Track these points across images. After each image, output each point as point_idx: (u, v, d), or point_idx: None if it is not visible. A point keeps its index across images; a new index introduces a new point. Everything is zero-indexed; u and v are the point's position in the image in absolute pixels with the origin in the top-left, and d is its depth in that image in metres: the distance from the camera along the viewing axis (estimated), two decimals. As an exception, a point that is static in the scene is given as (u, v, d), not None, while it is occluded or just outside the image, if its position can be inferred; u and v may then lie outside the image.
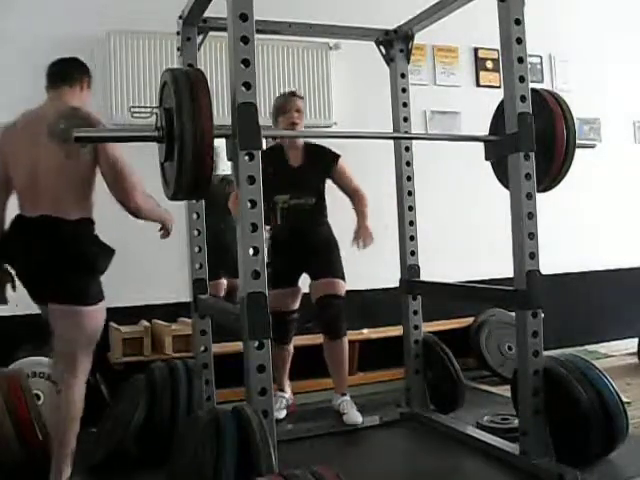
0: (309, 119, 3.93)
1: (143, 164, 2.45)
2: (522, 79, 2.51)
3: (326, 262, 3.28)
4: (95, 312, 2.42)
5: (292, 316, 3.34)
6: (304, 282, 3.40)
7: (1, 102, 3.77)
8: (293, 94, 3.34)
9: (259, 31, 2.20)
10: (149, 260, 3.93)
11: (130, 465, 2.64)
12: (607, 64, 5.26)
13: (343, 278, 3.28)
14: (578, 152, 2.76)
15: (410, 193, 3.27)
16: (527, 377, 2.51)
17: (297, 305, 3.37)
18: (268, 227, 3.31)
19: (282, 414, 3.30)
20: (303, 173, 3.30)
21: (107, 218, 3.97)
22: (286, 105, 3.26)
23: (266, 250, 2.90)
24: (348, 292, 3.33)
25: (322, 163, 3.31)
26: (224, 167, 3.80)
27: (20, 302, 2.84)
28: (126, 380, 2.99)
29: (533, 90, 2.61)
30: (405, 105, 3.27)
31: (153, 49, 3.96)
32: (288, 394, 3.47)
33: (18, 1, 3.81)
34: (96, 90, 3.84)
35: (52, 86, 2.53)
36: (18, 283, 2.52)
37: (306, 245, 3.28)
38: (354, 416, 3.14)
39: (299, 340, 3.52)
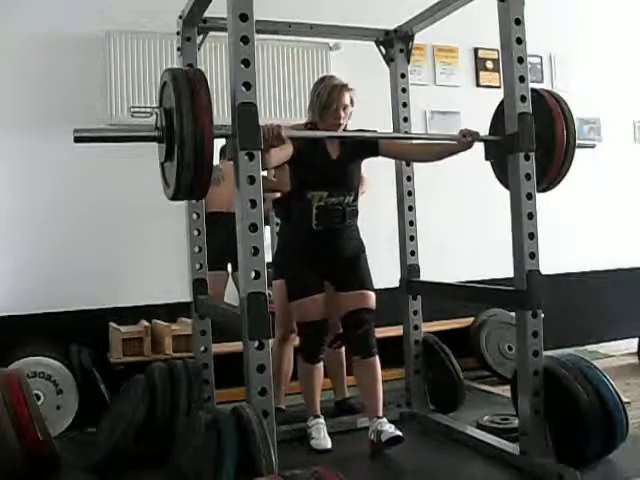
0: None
1: (143, 164, 2.45)
2: (522, 79, 2.51)
3: (356, 271, 2.91)
4: None
5: (325, 326, 2.91)
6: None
7: (1, 102, 3.78)
8: (342, 85, 2.80)
9: (259, 31, 2.21)
10: (149, 260, 3.94)
11: (130, 465, 2.63)
12: (607, 64, 5.26)
13: (373, 289, 2.92)
14: (578, 152, 2.76)
15: (410, 193, 3.27)
16: (527, 377, 2.51)
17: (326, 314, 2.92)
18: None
19: (329, 442, 2.89)
20: (342, 166, 2.87)
21: (107, 219, 3.97)
22: (331, 99, 2.77)
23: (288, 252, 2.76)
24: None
25: (363, 150, 2.92)
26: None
27: (19, 302, 2.85)
28: (126, 380, 2.99)
29: (533, 90, 2.61)
30: (405, 105, 3.27)
31: (153, 49, 3.96)
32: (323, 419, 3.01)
33: (18, 1, 3.81)
34: (96, 90, 3.89)
35: None
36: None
37: (336, 250, 2.88)
38: (390, 430, 2.76)
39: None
